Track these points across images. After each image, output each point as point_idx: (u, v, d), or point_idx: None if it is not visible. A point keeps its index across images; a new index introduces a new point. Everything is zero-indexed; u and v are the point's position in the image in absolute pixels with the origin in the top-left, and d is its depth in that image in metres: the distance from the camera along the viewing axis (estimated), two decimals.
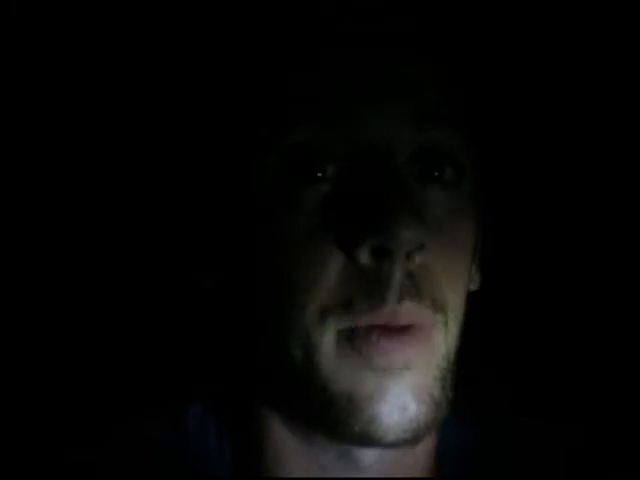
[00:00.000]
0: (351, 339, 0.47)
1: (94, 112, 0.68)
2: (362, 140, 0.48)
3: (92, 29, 0.66)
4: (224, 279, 0.54)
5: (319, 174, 0.48)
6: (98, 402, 0.65)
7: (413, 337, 0.47)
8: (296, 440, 0.52)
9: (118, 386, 0.68)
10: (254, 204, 0.49)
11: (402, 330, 0.47)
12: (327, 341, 0.47)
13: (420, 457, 0.54)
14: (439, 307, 0.48)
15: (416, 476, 0.54)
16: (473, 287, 0.56)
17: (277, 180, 0.49)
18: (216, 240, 0.53)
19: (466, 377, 0.52)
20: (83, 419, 0.62)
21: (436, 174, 0.49)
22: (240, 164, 0.50)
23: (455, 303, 0.50)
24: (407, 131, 0.48)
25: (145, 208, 0.67)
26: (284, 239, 0.48)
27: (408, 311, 0.47)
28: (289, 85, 0.49)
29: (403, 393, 0.47)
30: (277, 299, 0.49)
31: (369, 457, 0.51)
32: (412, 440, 0.48)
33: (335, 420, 0.47)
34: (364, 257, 0.46)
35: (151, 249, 0.67)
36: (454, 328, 0.50)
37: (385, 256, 0.46)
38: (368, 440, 0.47)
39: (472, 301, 0.54)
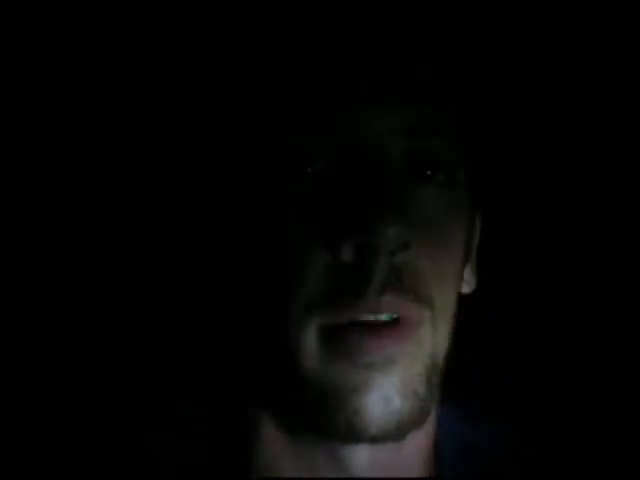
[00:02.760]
0: (332, 339, 0.47)
1: (99, 110, 0.68)
2: (352, 138, 0.48)
3: (90, 26, 0.66)
4: (223, 275, 0.54)
5: (308, 169, 0.48)
6: (97, 402, 0.65)
7: (397, 331, 0.47)
8: (287, 441, 0.52)
9: (116, 386, 0.67)
10: (249, 199, 0.50)
11: (386, 325, 0.47)
12: (310, 338, 0.47)
13: (414, 456, 0.53)
14: (424, 302, 0.48)
15: (413, 476, 0.53)
16: (467, 289, 0.56)
17: (267, 176, 0.49)
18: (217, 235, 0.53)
19: (466, 375, 0.52)
20: (82, 419, 0.62)
21: (429, 173, 0.50)
22: (236, 162, 0.51)
23: (442, 302, 0.50)
24: (397, 137, 0.49)
25: (150, 206, 0.67)
26: (273, 234, 0.49)
27: (390, 303, 0.47)
28: (286, 84, 0.50)
29: (387, 386, 0.47)
30: (265, 295, 0.49)
31: (359, 456, 0.51)
32: (396, 435, 0.48)
33: (321, 415, 0.48)
34: (347, 254, 0.47)
35: (151, 246, 0.67)
36: (442, 327, 0.50)
37: (368, 253, 0.46)
38: (353, 433, 0.47)
39: (474, 300, 0.54)
